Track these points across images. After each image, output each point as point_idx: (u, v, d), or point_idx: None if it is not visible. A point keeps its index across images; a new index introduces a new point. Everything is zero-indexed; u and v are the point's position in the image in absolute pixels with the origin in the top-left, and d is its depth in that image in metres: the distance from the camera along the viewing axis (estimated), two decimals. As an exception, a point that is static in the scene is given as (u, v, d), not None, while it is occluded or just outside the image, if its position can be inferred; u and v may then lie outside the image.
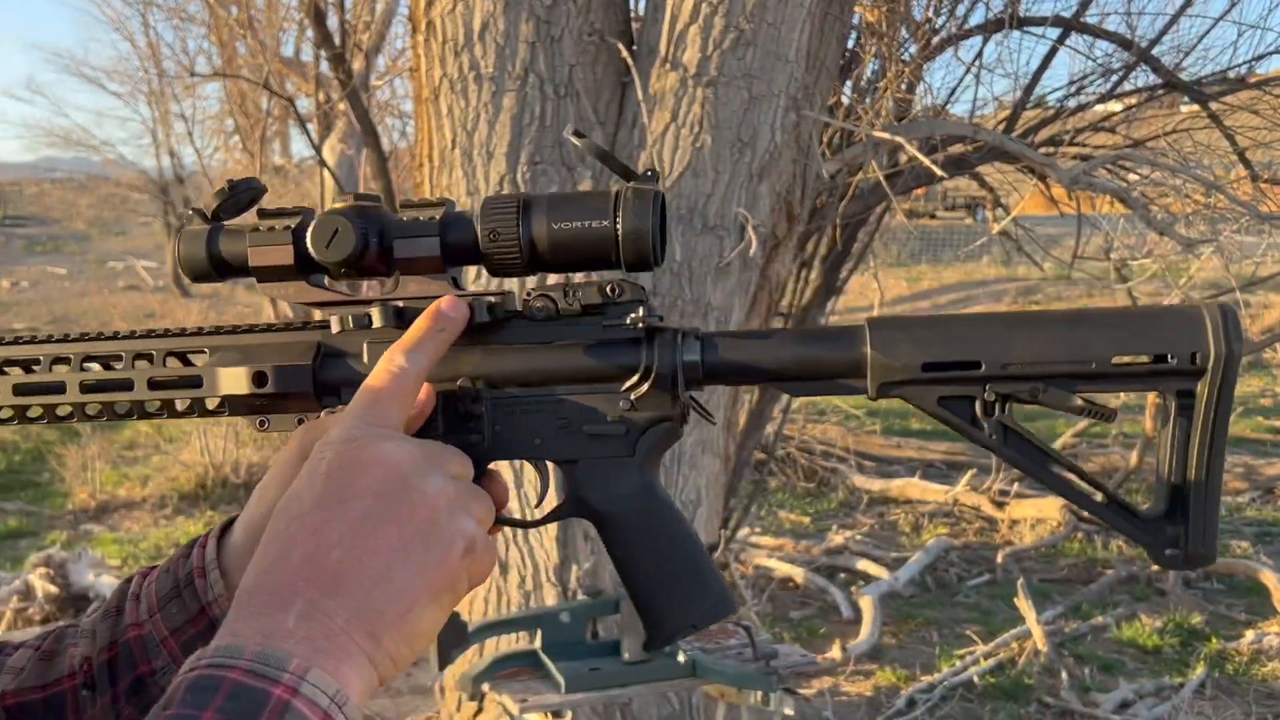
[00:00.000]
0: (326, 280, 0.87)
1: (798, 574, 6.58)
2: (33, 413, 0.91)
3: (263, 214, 0.86)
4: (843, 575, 6.79)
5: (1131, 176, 4.35)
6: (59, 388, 0.89)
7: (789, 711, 2.81)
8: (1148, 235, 4.53)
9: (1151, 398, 7.01)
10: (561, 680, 2.67)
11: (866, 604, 5.83)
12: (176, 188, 21.95)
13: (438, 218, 0.83)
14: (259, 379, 0.86)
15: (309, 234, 0.83)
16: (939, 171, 3.40)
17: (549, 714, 2.69)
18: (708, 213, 2.76)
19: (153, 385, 0.88)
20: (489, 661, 2.84)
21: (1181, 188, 4.01)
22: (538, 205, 0.82)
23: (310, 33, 6.47)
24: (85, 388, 0.89)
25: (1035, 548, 7.26)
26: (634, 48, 2.83)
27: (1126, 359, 0.80)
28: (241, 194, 0.88)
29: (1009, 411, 0.81)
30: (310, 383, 0.86)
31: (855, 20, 3.79)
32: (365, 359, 0.85)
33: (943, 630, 5.95)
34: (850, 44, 3.91)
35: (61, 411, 0.90)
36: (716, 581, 0.86)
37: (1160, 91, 4.44)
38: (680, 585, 0.85)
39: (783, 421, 6.39)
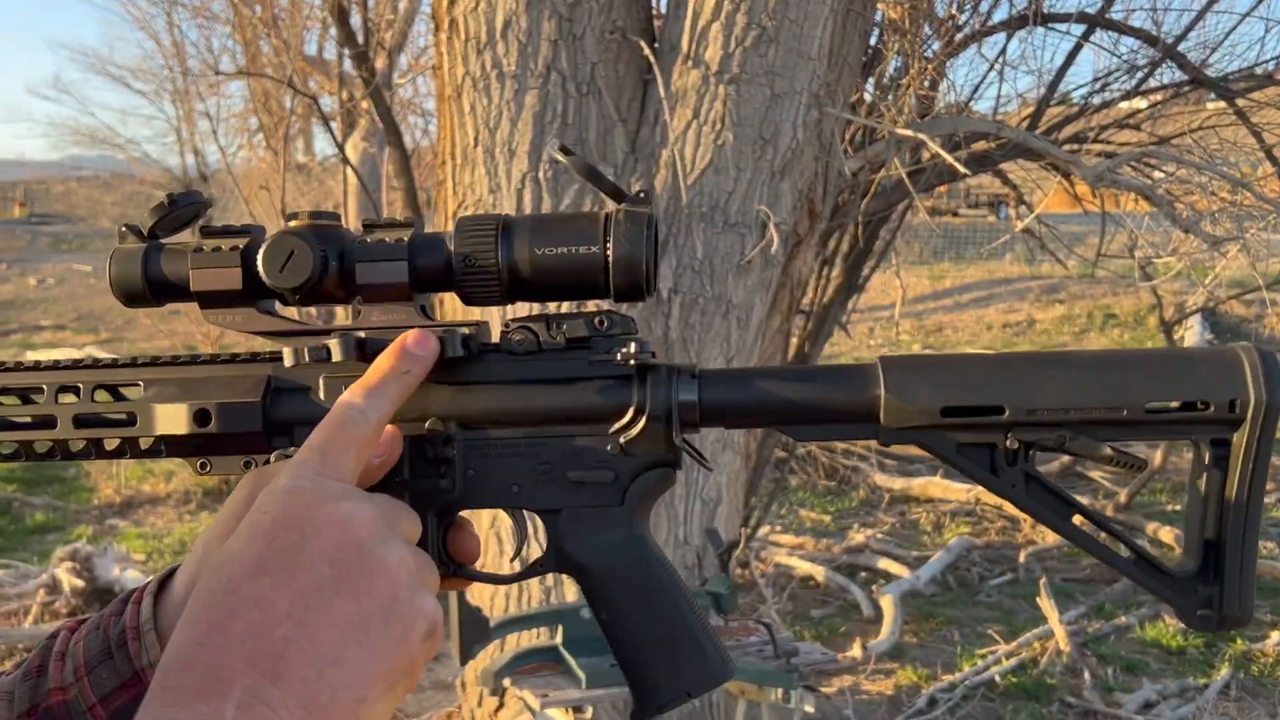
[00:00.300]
0: (277, 305, 0.79)
1: (818, 572, 6.57)
2: None
3: (206, 232, 0.78)
4: (863, 574, 6.77)
5: (1157, 174, 4.32)
6: None
7: (809, 709, 2.81)
8: (1173, 233, 4.50)
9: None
10: (582, 676, 2.68)
11: (887, 603, 5.82)
12: (201, 186, 22.12)
13: (405, 239, 0.75)
14: (201, 417, 0.77)
15: (261, 256, 0.74)
16: (962, 169, 3.39)
17: (570, 709, 2.69)
18: (729, 210, 2.76)
19: (78, 423, 0.78)
20: (510, 657, 2.86)
21: (1207, 185, 3.98)
22: (518, 228, 0.75)
23: (333, 31, 6.51)
24: None
25: (1058, 547, 7.21)
26: (656, 45, 2.84)
27: (1159, 405, 0.74)
28: (182, 209, 0.80)
29: (1032, 459, 0.76)
30: (260, 421, 0.77)
31: (878, 17, 3.78)
32: (322, 395, 0.76)
33: (964, 629, 5.92)
34: (873, 41, 3.90)
35: None
36: (712, 643, 0.78)
37: (1186, 88, 4.41)
38: (673, 648, 0.77)
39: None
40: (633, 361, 0.76)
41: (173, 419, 0.77)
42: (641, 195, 0.76)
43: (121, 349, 15.72)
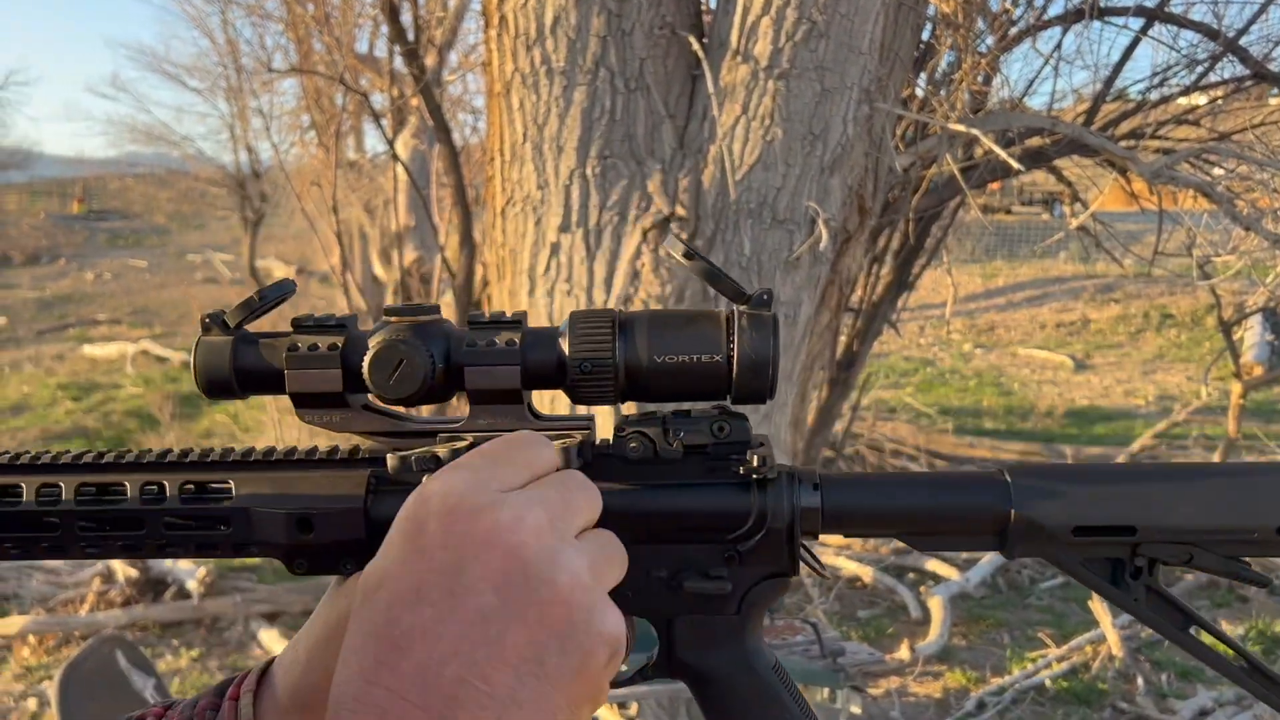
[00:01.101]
0: (370, 398, 0.75)
1: (866, 573, 6.52)
2: (9, 552, 0.75)
3: (299, 326, 0.74)
4: (911, 575, 6.71)
5: (1216, 170, 4.23)
6: (50, 522, 0.74)
7: (856, 709, 2.79)
8: (1233, 231, 4.40)
9: (1234, 397, 6.82)
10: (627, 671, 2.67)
11: (936, 604, 5.76)
12: (253, 182, 22.42)
13: (518, 342, 0.71)
14: (302, 525, 0.73)
15: (367, 364, 0.71)
16: (1015, 165, 3.34)
17: (614, 705, 2.69)
18: (778, 206, 2.74)
19: (169, 525, 0.74)
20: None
21: (1269, 182, 3.89)
22: (636, 330, 0.71)
23: (385, 28, 6.55)
24: (85, 524, 0.74)
25: (1111, 550, 7.12)
26: (705, 40, 2.82)
27: None
28: (269, 305, 0.76)
29: (1156, 574, 0.74)
30: (363, 528, 0.73)
31: (930, 11, 3.73)
32: None
33: (1014, 632, 5.85)
34: (925, 35, 3.86)
35: (43, 546, 0.75)
36: None
37: (1248, 83, 4.31)
38: None
39: (852, 419, 6.33)
40: (755, 476, 0.73)
41: (272, 526, 0.73)
42: (764, 297, 0.72)
43: (175, 343, 15.98)
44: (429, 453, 0.69)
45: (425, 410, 0.78)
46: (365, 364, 0.71)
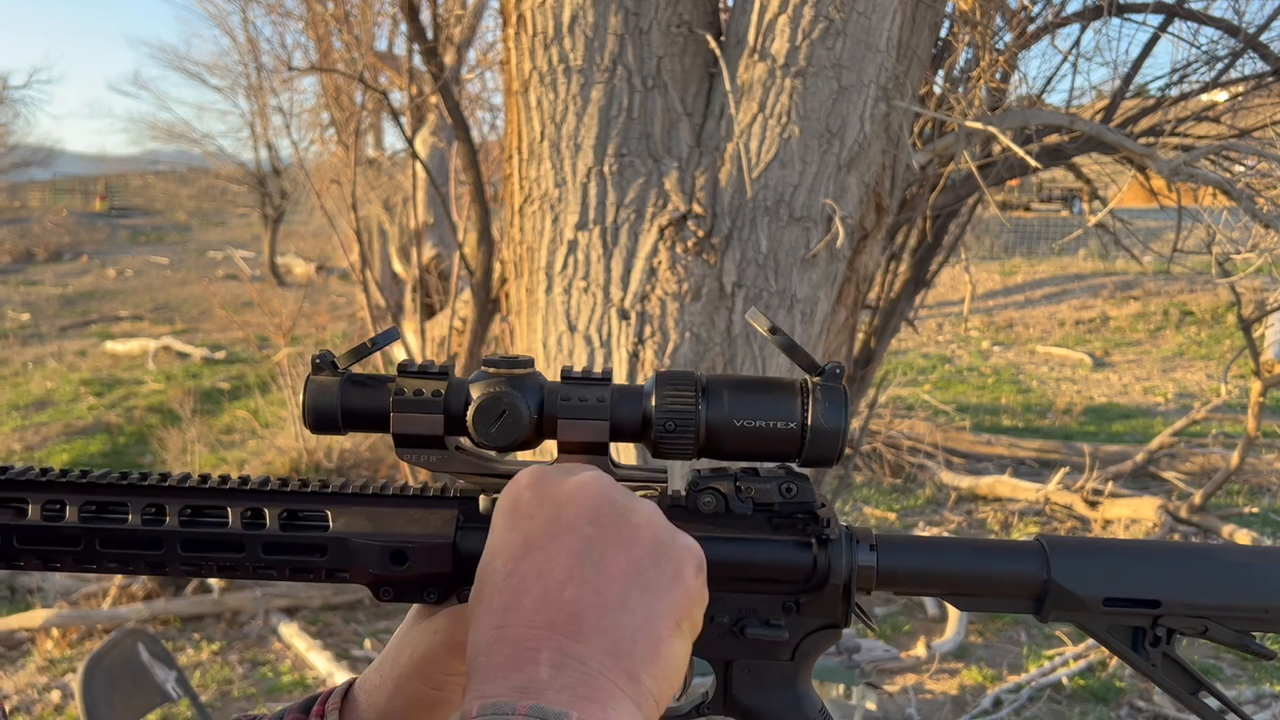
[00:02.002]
0: (465, 441, 0.80)
1: (882, 570, 6.52)
2: (109, 566, 0.80)
3: (404, 372, 0.79)
4: (929, 572, 6.71)
5: (1236, 168, 4.21)
6: (154, 541, 0.79)
7: (871, 706, 2.79)
8: (1253, 228, 4.38)
9: (1254, 395, 6.78)
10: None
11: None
12: (273, 180, 22.54)
13: (607, 398, 0.77)
14: (397, 558, 0.78)
15: (471, 414, 0.76)
16: (1033, 162, 3.34)
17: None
18: (794, 203, 2.75)
19: (267, 548, 0.79)
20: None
21: (1289, 179, 3.87)
22: (718, 394, 0.77)
23: (404, 27, 6.58)
24: (186, 545, 0.79)
25: (1129, 549, 7.08)
26: (722, 39, 2.83)
27: None
28: (376, 349, 0.81)
29: (1174, 643, 0.80)
30: (450, 561, 0.78)
31: (948, 8, 3.73)
32: None
33: (1031, 630, 5.84)
34: (943, 32, 3.85)
35: (145, 563, 0.80)
36: None
37: (1269, 79, 4.28)
38: None
39: (869, 416, 6.33)
40: (817, 539, 0.78)
41: (367, 556, 0.79)
42: (837, 370, 0.78)
43: (196, 339, 16.08)
44: None
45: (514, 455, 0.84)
46: (470, 412, 0.77)
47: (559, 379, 0.79)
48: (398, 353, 8.85)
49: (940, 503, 8.28)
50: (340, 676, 5.29)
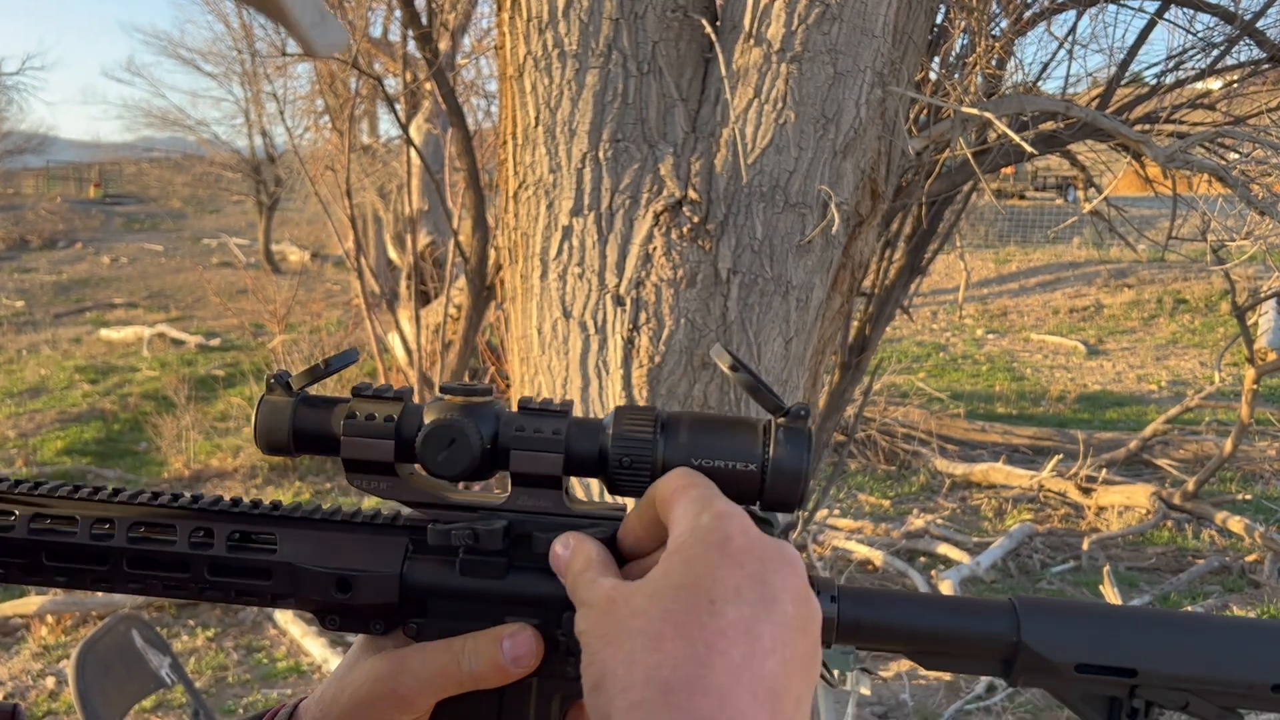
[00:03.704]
0: (418, 468, 0.78)
1: (877, 557, 6.54)
2: (55, 580, 0.79)
3: (358, 394, 0.77)
4: (923, 559, 6.73)
5: (1232, 155, 4.21)
6: (101, 556, 0.77)
7: (865, 691, 2.80)
8: (1248, 215, 4.38)
9: (1248, 382, 6.79)
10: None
11: (946, 587, 5.77)
12: (268, 167, 22.48)
13: (563, 432, 0.75)
14: (342, 586, 0.77)
15: (420, 441, 0.74)
16: (1029, 148, 3.33)
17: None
18: (790, 190, 2.74)
19: (213, 569, 0.77)
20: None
21: (1284, 166, 3.87)
22: (677, 431, 0.75)
23: (398, 12, 6.56)
24: (132, 561, 0.77)
25: (1123, 535, 7.11)
26: (717, 24, 2.82)
27: None
28: (332, 371, 0.80)
29: (1152, 716, 0.77)
30: (395, 593, 0.76)
31: (944, -6, 3.72)
32: (459, 570, 0.76)
33: (1025, 617, 5.86)
34: (939, 18, 3.84)
35: (91, 578, 0.78)
36: None
37: (1265, 66, 4.28)
38: None
39: (863, 404, 6.32)
40: None
41: (313, 584, 0.77)
42: (802, 412, 0.75)
43: (190, 327, 16.05)
44: (468, 528, 0.74)
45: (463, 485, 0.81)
46: (419, 438, 0.74)
47: (519, 400, 0.77)
48: (398, 350, 8.85)
49: (934, 490, 8.31)
50: (335, 662, 5.30)
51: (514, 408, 0.78)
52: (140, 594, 0.79)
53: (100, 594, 5.97)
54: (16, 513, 0.78)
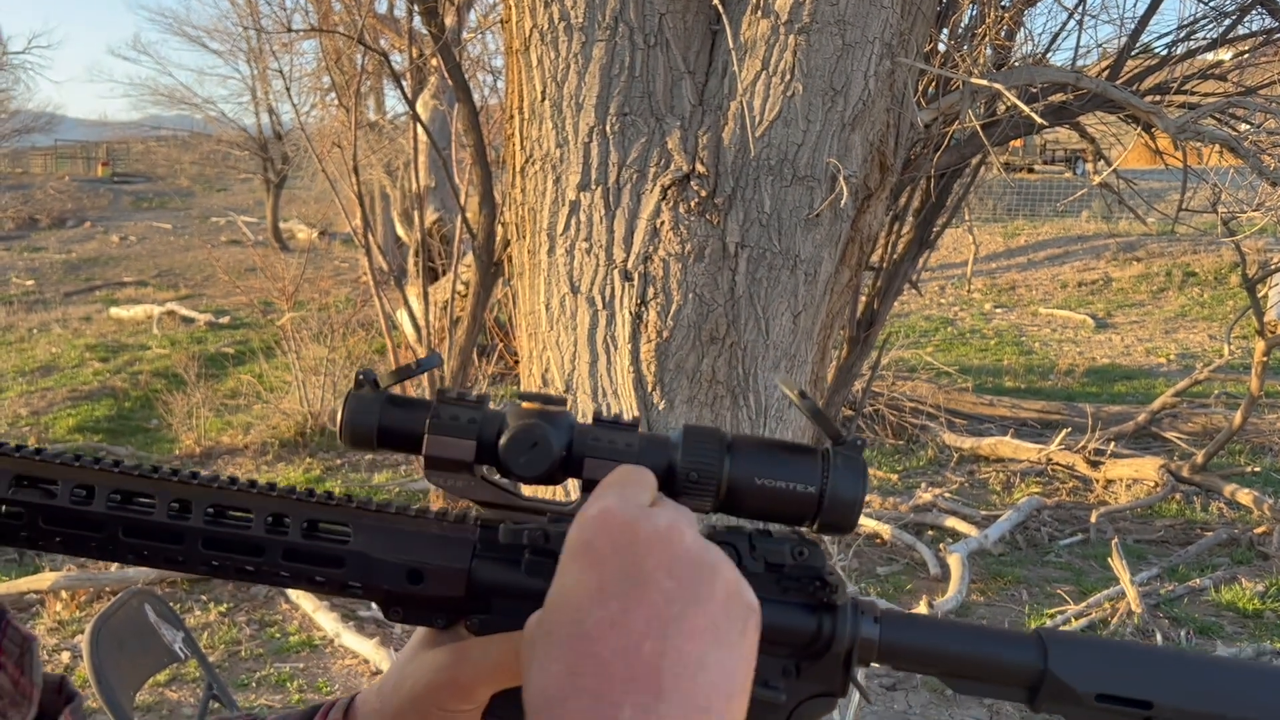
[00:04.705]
0: (489, 469, 0.82)
1: (885, 530, 6.55)
2: (129, 557, 0.81)
3: (442, 398, 0.80)
4: (930, 532, 6.74)
5: (1243, 126, 4.18)
6: (177, 535, 0.79)
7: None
8: (1259, 187, 4.36)
9: (1258, 355, 6.77)
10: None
11: (954, 561, 5.78)
12: (275, 144, 22.45)
13: (636, 445, 0.78)
14: (414, 577, 0.80)
15: (503, 444, 0.78)
16: (1039, 120, 3.32)
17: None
18: (798, 163, 2.73)
19: (286, 555, 0.80)
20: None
21: (1296, 137, 3.84)
22: (742, 452, 0.78)
23: (403, -13, 6.52)
24: (208, 542, 0.79)
25: (1131, 508, 7.11)
26: (725, -4, 2.81)
27: None
28: (419, 371, 0.83)
29: None
30: (463, 587, 0.80)
31: (953, -35, 3.69)
32: (524, 569, 0.79)
33: (1033, 589, 5.88)
34: (947, -10, 3.81)
35: (166, 558, 0.80)
36: None
37: (1277, 35, 4.25)
38: None
39: (871, 378, 6.32)
40: (826, 600, 0.79)
41: (385, 573, 0.80)
42: (859, 442, 0.78)
43: (200, 304, 16.09)
44: (540, 528, 0.78)
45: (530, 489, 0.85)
46: (504, 440, 0.77)
47: (589, 415, 0.80)
48: (407, 329, 8.87)
49: (942, 464, 8.31)
50: (347, 637, 5.34)
51: (524, 386, 0.79)
52: (213, 575, 0.81)
53: (114, 568, 6.02)
54: (95, 488, 0.80)
